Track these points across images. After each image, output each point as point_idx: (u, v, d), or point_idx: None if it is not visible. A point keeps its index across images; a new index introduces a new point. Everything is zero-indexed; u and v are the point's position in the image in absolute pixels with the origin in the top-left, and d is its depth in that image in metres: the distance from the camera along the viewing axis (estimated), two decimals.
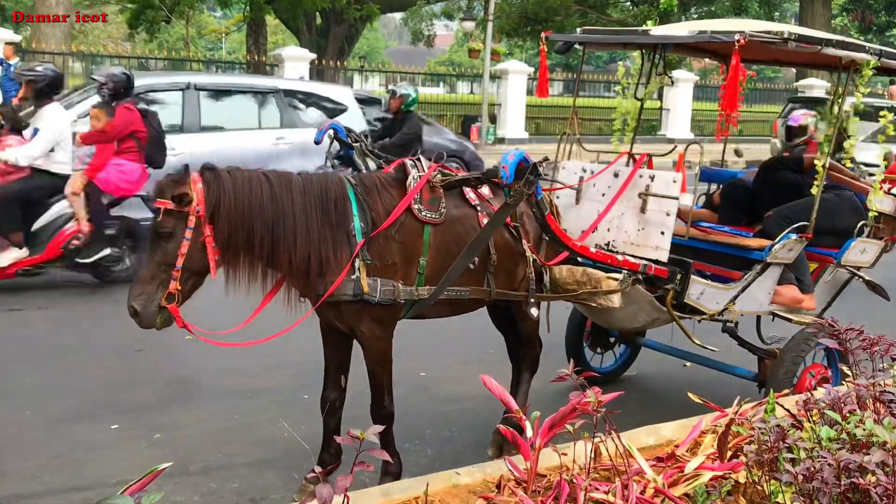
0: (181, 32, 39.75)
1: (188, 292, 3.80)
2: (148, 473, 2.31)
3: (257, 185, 3.82)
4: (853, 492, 2.32)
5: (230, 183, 3.77)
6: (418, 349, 6.42)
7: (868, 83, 5.09)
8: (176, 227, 3.69)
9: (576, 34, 5.59)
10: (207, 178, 3.75)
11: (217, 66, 30.10)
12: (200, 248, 3.72)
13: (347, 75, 27.67)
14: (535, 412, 3.02)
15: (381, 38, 76.50)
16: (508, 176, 4.11)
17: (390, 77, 28.38)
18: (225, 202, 3.72)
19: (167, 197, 3.67)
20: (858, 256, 5.46)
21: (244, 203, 3.76)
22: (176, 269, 3.70)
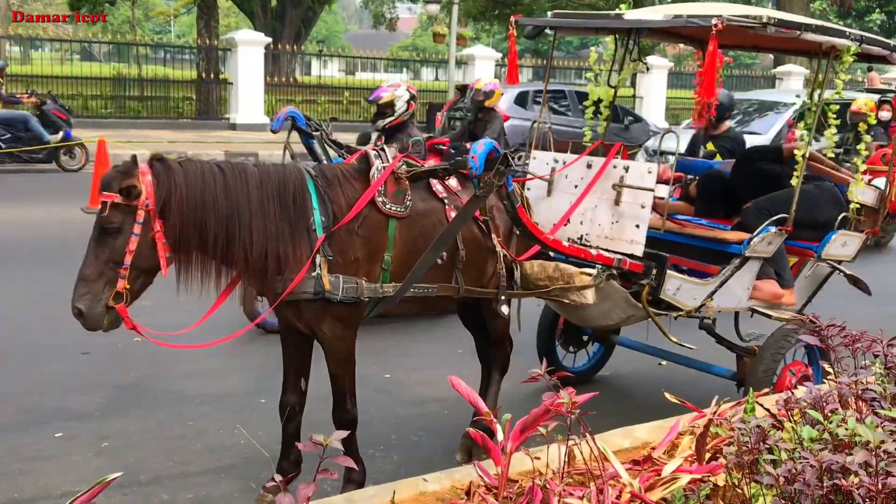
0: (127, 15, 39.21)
1: (137, 291, 3.75)
2: (96, 485, 2.28)
3: (210, 178, 3.78)
4: (835, 493, 2.36)
5: (181, 175, 3.73)
6: (383, 350, 6.42)
7: (848, 70, 5.16)
8: (124, 222, 3.64)
9: (547, 18, 5.61)
10: (157, 170, 3.71)
11: (165, 50, 29.75)
12: (150, 244, 3.68)
13: (305, 60, 27.50)
14: (507, 414, 3.03)
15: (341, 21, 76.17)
16: (478, 167, 4.11)
17: (350, 62, 28.27)
18: (176, 195, 3.68)
19: (114, 190, 3.62)
20: (839, 250, 5.54)
21: (197, 196, 3.72)
22: (124, 267, 3.65)
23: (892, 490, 2.29)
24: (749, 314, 5.56)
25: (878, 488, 2.25)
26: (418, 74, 37.32)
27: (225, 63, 23.84)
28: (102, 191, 3.66)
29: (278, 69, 25.73)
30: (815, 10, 35.82)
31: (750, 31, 4.74)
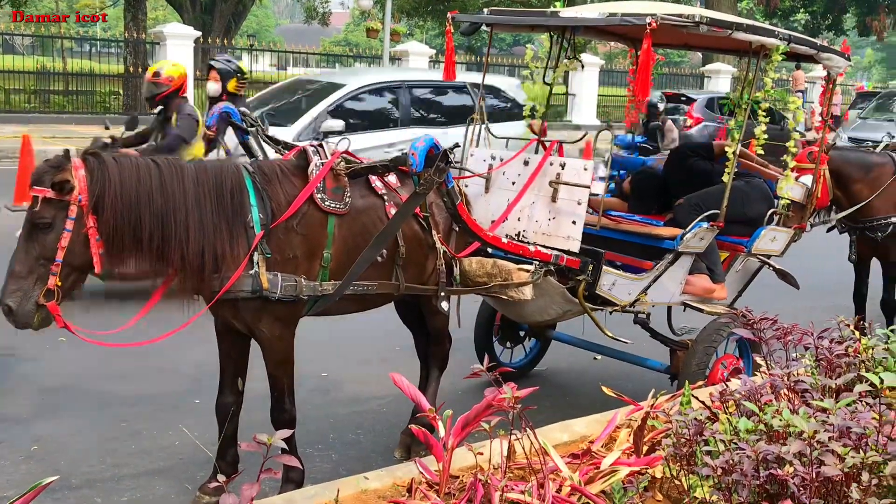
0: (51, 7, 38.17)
1: (69, 289, 3.66)
2: (30, 489, 2.23)
3: (146, 173, 3.71)
4: (771, 483, 2.43)
5: (116, 170, 3.65)
6: (320, 348, 6.38)
7: (776, 68, 5.29)
8: (55, 217, 3.56)
9: (483, 15, 5.63)
10: (91, 165, 3.63)
11: (91, 44, 29.06)
12: (83, 240, 3.60)
13: (235, 55, 27.14)
14: (448, 410, 3.04)
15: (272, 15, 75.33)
16: (418, 163, 4.12)
17: (282, 57, 27.99)
18: (110, 191, 3.61)
19: (46, 184, 3.53)
20: (769, 245, 5.69)
21: (131, 192, 3.65)
22: (55, 264, 3.56)
23: (825, 478, 2.36)
24: (682, 308, 5.67)
25: (812, 477, 2.32)
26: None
27: (153, 57, 23.37)
28: (33, 185, 3.57)
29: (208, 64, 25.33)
30: (743, 9, 36.63)
31: (683, 29, 4.83)
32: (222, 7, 30.54)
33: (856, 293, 7.42)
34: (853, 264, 7.42)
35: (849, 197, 6.91)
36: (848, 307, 7.20)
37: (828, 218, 7.08)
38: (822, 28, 38.71)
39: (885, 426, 2.51)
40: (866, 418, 2.48)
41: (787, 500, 2.29)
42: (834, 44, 6.45)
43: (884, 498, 2.44)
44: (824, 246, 9.71)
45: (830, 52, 5.66)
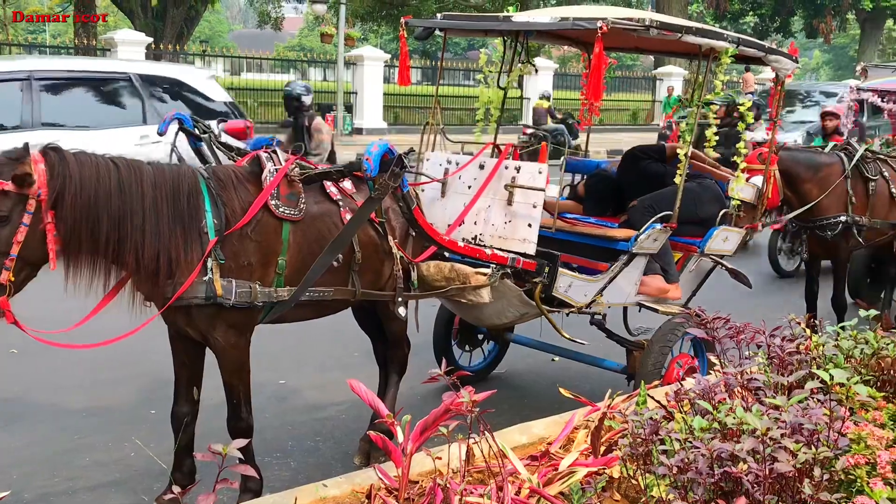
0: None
1: (20, 284, 3.59)
2: None
3: (105, 173, 3.65)
4: (726, 481, 2.45)
5: (76, 167, 3.58)
6: (277, 356, 6.34)
7: (726, 71, 5.37)
8: (13, 210, 3.47)
9: (436, 20, 5.64)
10: (52, 160, 3.55)
11: (40, 50, 28.57)
12: (40, 236, 3.53)
13: (188, 60, 26.88)
14: (406, 416, 3.04)
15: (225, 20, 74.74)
16: (373, 168, 4.10)
17: (235, 63, 27.78)
18: (70, 188, 3.54)
19: (5, 177, 3.45)
20: (721, 245, 5.76)
21: (91, 190, 3.58)
22: (10, 258, 3.48)
23: (778, 475, 2.39)
24: (637, 309, 5.72)
25: (765, 474, 2.35)
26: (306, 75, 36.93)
27: None
28: None
29: None
30: (693, 12, 37.13)
31: (633, 33, 4.88)
32: (174, 13, 30.26)
33: (807, 292, 7.54)
34: (804, 263, 7.54)
35: (799, 197, 7.02)
36: (799, 305, 7.32)
37: (778, 218, 7.19)
38: (771, 30, 39.38)
39: (835, 422, 2.55)
40: (818, 415, 2.53)
41: (742, 497, 2.32)
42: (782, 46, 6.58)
43: (835, 493, 2.48)
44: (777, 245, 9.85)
45: (778, 55, 5.75)
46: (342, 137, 22.07)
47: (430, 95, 17.64)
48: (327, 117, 23.15)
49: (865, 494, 2.55)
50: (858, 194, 7.16)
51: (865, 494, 2.55)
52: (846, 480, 2.64)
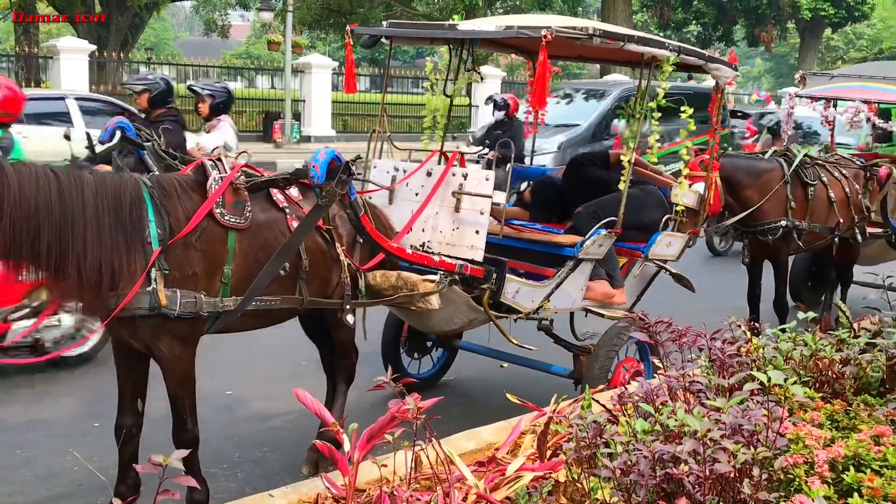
0: None
1: None
2: None
3: (45, 183, 3.57)
4: (668, 482, 2.49)
5: (15, 177, 3.50)
6: (223, 366, 6.27)
7: (668, 78, 5.45)
8: None
9: (382, 28, 5.64)
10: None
11: None
12: None
13: (133, 68, 26.51)
14: (353, 424, 3.03)
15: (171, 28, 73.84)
16: (320, 176, 4.09)
17: (181, 70, 27.48)
18: (9, 199, 3.45)
19: None
20: (665, 250, 5.84)
21: (31, 201, 3.51)
22: None
23: (719, 475, 2.43)
24: (584, 314, 5.77)
25: (706, 474, 2.39)
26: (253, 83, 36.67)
27: (46, 71, 22.64)
28: None
29: (104, 77, 24.66)
30: (638, 21, 37.60)
31: (577, 41, 4.93)
32: (118, 20, 29.82)
33: (749, 295, 7.68)
34: (746, 267, 7.68)
35: (740, 202, 7.15)
36: (742, 309, 7.45)
37: (721, 223, 7.31)
38: (714, 39, 40.06)
39: (774, 422, 2.60)
40: (757, 415, 2.57)
41: (683, 498, 2.35)
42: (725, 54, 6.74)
43: (774, 492, 2.53)
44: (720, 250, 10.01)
45: (718, 63, 5.86)
46: (290, 145, 21.93)
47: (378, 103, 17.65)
48: (275, 125, 23.04)
49: (803, 493, 2.61)
50: (798, 199, 7.31)
51: (803, 493, 2.61)
52: (785, 480, 2.70)
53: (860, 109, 9.01)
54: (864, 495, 2.62)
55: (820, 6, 38.14)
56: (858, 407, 3.42)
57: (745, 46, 44.01)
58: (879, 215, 8.03)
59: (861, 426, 3.17)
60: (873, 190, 7.91)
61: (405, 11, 27.61)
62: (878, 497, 2.60)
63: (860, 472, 2.74)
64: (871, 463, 2.81)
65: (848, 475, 2.73)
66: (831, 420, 3.29)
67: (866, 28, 53.61)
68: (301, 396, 3.12)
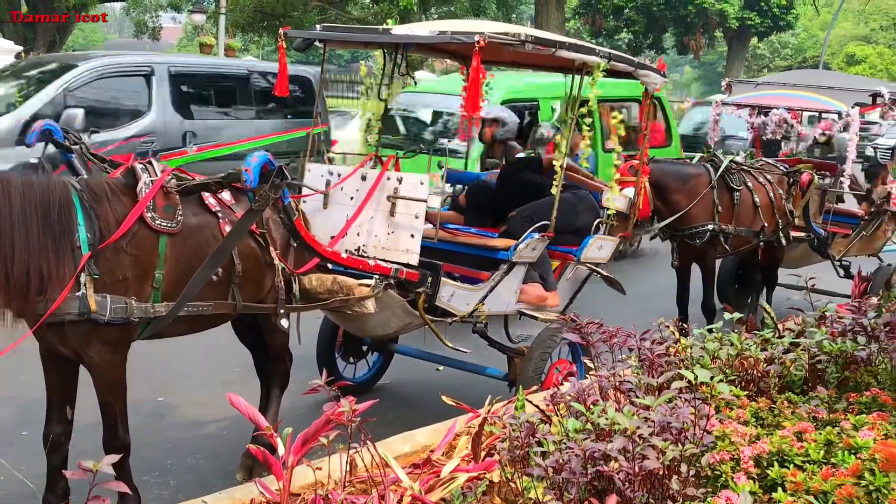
0: None
1: None
2: None
3: None
4: (599, 480, 2.54)
5: None
6: (155, 372, 6.18)
7: (599, 85, 5.54)
8: None
9: (316, 31, 5.63)
10: None
11: None
12: None
13: None
14: (287, 428, 3.02)
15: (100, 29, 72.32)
16: (252, 179, 4.06)
17: None
18: None
19: None
20: (596, 253, 5.93)
21: None
22: None
23: (648, 472, 2.49)
24: (518, 317, 5.83)
25: (635, 471, 2.44)
26: None
27: None
28: None
29: None
30: (571, 28, 38.04)
31: (510, 47, 4.99)
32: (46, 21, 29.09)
33: (678, 297, 7.83)
34: (675, 270, 7.83)
35: (668, 207, 7.29)
36: (672, 310, 7.59)
37: (650, 227, 7.44)
38: (644, 47, 40.71)
39: (701, 420, 2.67)
40: (685, 413, 2.64)
41: (613, 495, 2.40)
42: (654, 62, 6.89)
43: (701, 488, 2.60)
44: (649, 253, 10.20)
45: (647, 69, 5.98)
46: None
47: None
48: None
49: (730, 488, 2.68)
50: (724, 204, 7.48)
51: (730, 488, 2.68)
52: (712, 476, 2.77)
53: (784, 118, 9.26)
54: (788, 490, 2.70)
55: (746, 16, 39.08)
56: (782, 404, 3.52)
57: (675, 54, 44.84)
58: (802, 220, 8.27)
59: (785, 423, 3.27)
60: (796, 195, 8.14)
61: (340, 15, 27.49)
62: (801, 491, 2.69)
63: (784, 468, 2.83)
64: (794, 458, 2.90)
65: (772, 470, 2.81)
66: (756, 417, 3.38)
67: (791, 37, 55.11)
68: (234, 401, 3.10)
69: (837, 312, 4.56)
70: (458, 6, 29.85)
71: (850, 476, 2.65)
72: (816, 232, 8.41)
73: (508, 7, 30.86)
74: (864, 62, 45.56)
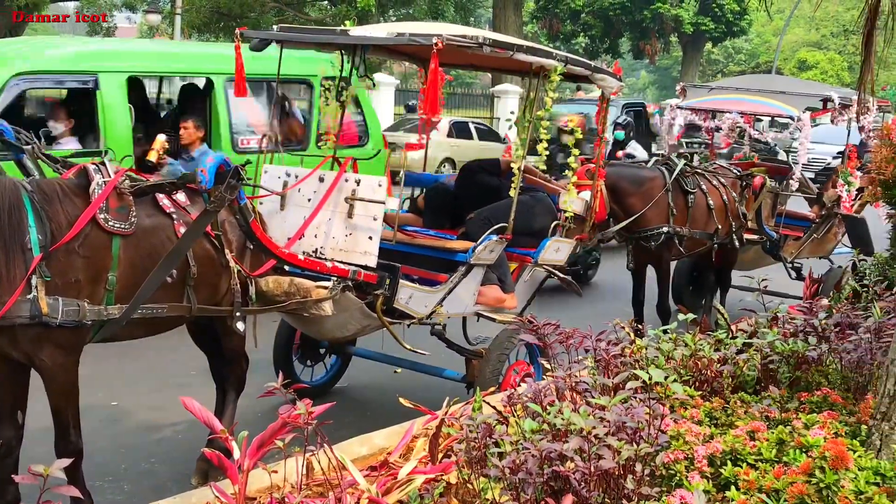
0: None
1: None
2: None
3: None
4: (555, 480, 2.55)
5: None
6: (108, 376, 6.09)
7: (557, 88, 5.58)
8: None
9: (272, 32, 5.59)
10: None
11: None
12: None
13: None
14: (243, 432, 2.99)
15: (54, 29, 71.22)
16: (208, 181, 4.02)
17: None
18: None
19: None
20: (554, 255, 5.96)
21: None
22: None
23: (603, 472, 2.51)
24: (476, 319, 5.84)
25: (591, 471, 2.46)
26: None
27: None
28: None
29: None
30: (528, 32, 38.27)
31: (468, 50, 4.99)
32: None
33: (634, 299, 7.90)
34: (631, 272, 7.91)
35: (624, 209, 7.36)
36: (628, 312, 7.66)
37: (606, 230, 7.50)
38: (601, 51, 41.11)
39: (655, 419, 2.70)
40: (639, 413, 2.66)
41: (569, 495, 2.41)
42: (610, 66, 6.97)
43: (656, 486, 2.62)
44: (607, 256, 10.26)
45: (604, 73, 6.03)
46: None
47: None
48: None
49: (684, 487, 2.71)
50: (679, 206, 7.57)
51: (684, 487, 2.71)
52: (666, 475, 2.80)
53: (737, 122, 9.41)
54: (741, 488, 2.74)
55: (701, 21, 39.65)
56: (735, 404, 3.57)
57: (631, 59, 45.35)
58: (755, 222, 8.40)
59: (738, 422, 3.31)
60: (749, 198, 8.26)
61: (297, 17, 27.36)
62: (754, 489, 2.73)
63: (737, 466, 2.87)
64: (746, 457, 2.94)
65: (725, 469, 2.85)
66: (710, 417, 3.43)
67: (744, 43, 56.05)
68: (189, 405, 3.06)
69: (789, 314, 4.64)
70: (416, 9, 29.89)
71: (802, 474, 2.69)
72: (769, 234, 8.55)
73: (466, 10, 30.98)
74: (816, 67, 46.44)
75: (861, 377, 3.84)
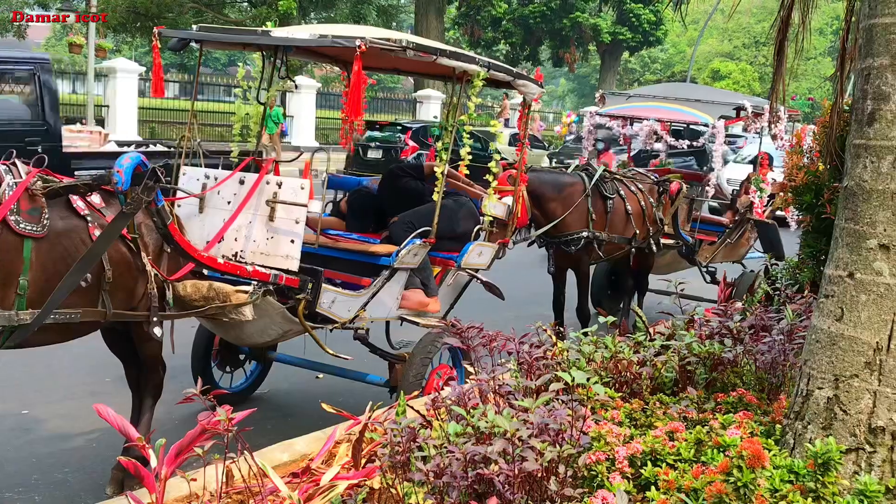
0: None
1: None
2: None
3: None
4: (480, 483, 2.55)
5: None
6: (20, 383, 5.89)
7: (480, 94, 5.60)
8: None
9: (192, 31, 5.48)
10: None
11: None
12: None
13: None
14: (161, 440, 2.91)
15: None
16: (124, 182, 3.91)
17: None
18: None
19: None
20: (476, 259, 5.99)
21: None
22: None
23: (527, 474, 2.51)
24: (399, 323, 5.82)
25: (515, 473, 2.46)
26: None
27: None
28: None
29: None
30: (450, 38, 38.46)
31: (391, 53, 4.98)
32: None
33: (555, 302, 7.99)
34: (552, 276, 7.99)
35: (545, 214, 7.43)
36: (549, 315, 7.74)
37: (528, 235, 7.57)
38: (521, 58, 41.55)
39: (577, 421, 2.72)
40: (562, 415, 2.68)
41: (494, 498, 2.41)
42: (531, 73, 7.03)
43: (578, 488, 2.64)
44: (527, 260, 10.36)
45: (525, 80, 6.08)
46: None
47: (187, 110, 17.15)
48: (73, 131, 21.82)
49: (606, 488, 2.73)
50: (598, 211, 7.69)
51: (606, 488, 2.73)
52: (588, 476, 2.82)
53: (654, 129, 9.60)
54: (661, 488, 2.78)
55: (618, 31, 40.42)
56: (654, 405, 3.63)
57: (551, 66, 45.90)
58: (672, 227, 8.58)
59: (657, 423, 3.36)
60: (666, 203, 8.44)
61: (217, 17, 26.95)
62: (673, 489, 2.77)
63: (657, 467, 2.91)
64: (666, 457, 2.99)
65: (646, 470, 2.88)
66: (630, 418, 3.47)
67: (660, 53, 57.31)
68: (103, 412, 2.97)
69: (705, 316, 4.74)
70: (338, 12, 29.76)
71: (720, 473, 2.74)
72: (685, 239, 8.74)
73: (388, 15, 30.97)
74: (729, 77, 47.81)
75: (775, 378, 3.94)
